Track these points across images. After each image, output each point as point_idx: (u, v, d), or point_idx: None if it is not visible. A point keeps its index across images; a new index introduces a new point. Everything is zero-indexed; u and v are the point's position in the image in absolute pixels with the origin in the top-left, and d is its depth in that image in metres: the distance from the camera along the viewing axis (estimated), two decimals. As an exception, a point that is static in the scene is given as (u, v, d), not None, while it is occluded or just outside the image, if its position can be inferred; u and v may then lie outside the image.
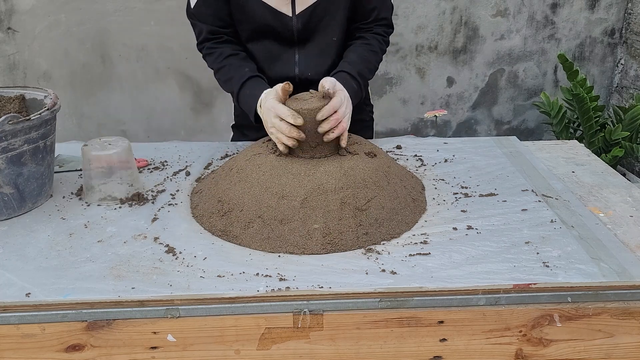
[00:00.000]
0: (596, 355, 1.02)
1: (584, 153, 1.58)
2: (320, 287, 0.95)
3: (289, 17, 1.43)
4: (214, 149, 1.53)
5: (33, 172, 1.18)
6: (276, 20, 1.43)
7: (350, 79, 1.39)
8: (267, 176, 1.15)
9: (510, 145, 1.57)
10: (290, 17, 1.44)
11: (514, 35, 3.16)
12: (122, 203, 1.23)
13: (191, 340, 0.96)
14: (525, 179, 1.35)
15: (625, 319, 0.99)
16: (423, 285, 0.96)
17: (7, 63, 2.93)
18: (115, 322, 0.94)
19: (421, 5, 3.05)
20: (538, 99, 3.23)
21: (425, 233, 1.12)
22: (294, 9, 1.43)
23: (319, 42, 1.49)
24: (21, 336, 0.94)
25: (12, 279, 0.98)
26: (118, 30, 2.94)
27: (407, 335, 0.98)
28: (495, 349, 1.00)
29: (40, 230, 1.14)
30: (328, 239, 1.07)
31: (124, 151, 1.24)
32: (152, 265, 1.02)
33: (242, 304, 0.95)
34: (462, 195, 1.27)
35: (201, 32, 1.47)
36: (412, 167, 1.43)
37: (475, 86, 3.25)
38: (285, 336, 0.97)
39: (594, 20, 3.19)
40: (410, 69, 3.18)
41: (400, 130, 3.30)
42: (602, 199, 1.30)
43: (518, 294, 0.97)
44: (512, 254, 1.04)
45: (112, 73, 3.02)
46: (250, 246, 1.08)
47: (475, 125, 3.36)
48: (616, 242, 1.09)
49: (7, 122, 1.09)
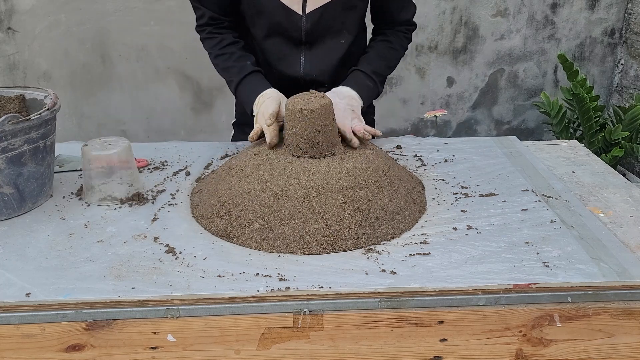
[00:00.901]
0: (596, 355, 1.02)
1: (584, 153, 1.58)
2: (320, 287, 0.95)
3: (298, 15, 1.43)
4: (214, 149, 1.53)
5: (33, 172, 1.18)
6: (286, 17, 1.43)
7: (365, 78, 1.46)
8: (267, 176, 1.15)
9: (510, 145, 1.57)
10: (300, 15, 1.43)
11: (514, 35, 3.16)
12: (122, 203, 1.23)
13: (191, 340, 0.96)
14: (525, 179, 1.35)
15: (625, 319, 0.99)
16: (423, 285, 0.96)
17: (7, 63, 2.93)
18: (115, 322, 0.94)
19: (421, 5, 3.05)
20: (538, 99, 3.23)
21: (425, 233, 1.12)
22: (305, 7, 1.42)
23: (326, 44, 1.49)
24: (21, 336, 0.94)
25: (12, 279, 0.98)
26: (118, 30, 2.94)
27: (407, 335, 0.98)
28: (495, 349, 1.00)
29: (40, 230, 1.14)
30: (328, 239, 1.07)
31: (124, 151, 1.24)
32: (152, 265, 1.02)
33: (242, 304, 0.95)
34: (462, 195, 1.27)
35: (203, 15, 1.48)
36: (412, 167, 1.43)
37: (475, 86, 3.25)
38: (285, 336, 0.97)
39: (594, 20, 3.19)
40: (410, 69, 3.18)
41: (400, 130, 3.30)
42: (602, 199, 1.30)
43: (518, 294, 0.97)
44: (512, 254, 1.04)
45: (112, 73, 3.02)
46: (250, 246, 1.08)
47: (475, 125, 3.36)
48: (616, 242, 1.09)
49: (7, 122, 1.09)
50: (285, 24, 1.44)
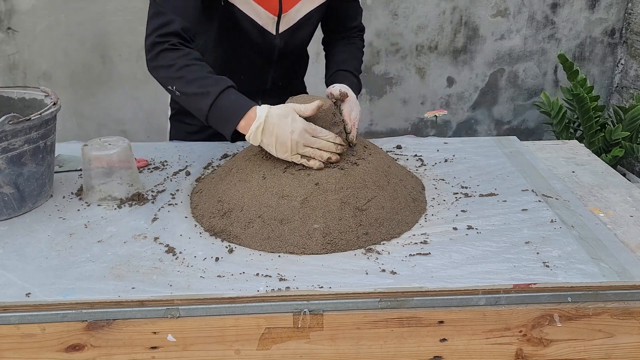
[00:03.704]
0: (596, 355, 1.02)
1: (584, 153, 1.58)
2: (320, 287, 0.95)
3: (273, 35, 1.47)
4: (214, 149, 1.53)
5: (33, 172, 1.18)
6: (260, 37, 1.46)
7: (351, 76, 1.50)
8: (267, 176, 1.15)
9: (511, 145, 1.57)
10: (275, 35, 1.47)
11: (514, 35, 3.16)
12: (122, 203, 1.23)
13: (191, 340, 0.96)
14: (525, 179, 1.35)
15: (625, 319, 0.99)
16: (423, 285, 0.96)
17: (7, 63, 2.93)
18: (115, 322, 0.94)
19: (421, 5, 3.05)
20: (538, 99, 3.23)
21: (425, 233, 1.12)
22: (278, 29, 1.47)
23: (295, 56, 1.58)
24: (21, 336, 0.94)
25: (12, 279, 0.98)
26: (118, 30, 2.94)
27: (407, 335, 0.98)
28: (495, 349, 1.00)
29: (40, 230, 1.14)
30: (328, 239, 1.07)
31: (124, 151, 1.24)
32: (152, 265, 1.02)
33: (242, 304, 0.95)
34: (462, 195, 1.27)
35: (170, 23, 1.27)
36: (412, 167, 1.43)
37: (476, 86, 3.25)
38: (285, 336, 0.97)
39: (594, 20, 3.19)
40: (410, 68, 3.18)
41: (400, 130, 3.31)
42: (602, 199, 1.30)
43: (518, 294, 0.97)
44: (512, 254, 1.04)
45: (112, 73, 3.01)
46: (250, 246, 1.08)
47: (476, 125, 3.36)
48: (616, 242, 1.09)
49: (7, 122, 1.09)
50: (260, 43, 1.47)
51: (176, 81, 1.25)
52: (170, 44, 1.26)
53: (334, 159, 1.17)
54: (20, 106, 1.29)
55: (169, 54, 1.26)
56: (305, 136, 1.15)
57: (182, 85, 1.24)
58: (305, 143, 1.14)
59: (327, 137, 1.17)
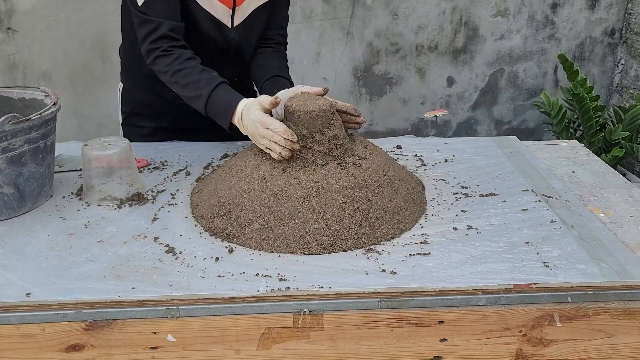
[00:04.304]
0: (596, 355, 1.02)
1: (584, 153, 1.58)
2: (320, 287, 0.95)
3: (229, 28, 1.49)
4: (214, 149, 1.53)
5: (33, 172, 1.18)
6: (217, 30, 1.47)
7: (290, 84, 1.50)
8: (267, 176, 1.15)
9: (511, 145, 1.57)
10: (230, 29, 1.49)
11: (514, 35, 3.16)
12: (122, 203, 1.23)
13: (191, 340, 0.96)
14: (525, 179, 1.35)
15: (625, 319, 0.99)
16: (423, 285, 0.96)
17: (7, 63, 2.93)
18: (115, 322, 0.94)
19: (421, 5, 3.05)
20: (538, 99, 3.23)
21: (425, 233, 1.12)
22: (233, 21, 1.48)
23: (249, 57, 1.58)
24: (21, 336, 0.94)
25: (12, 279, 0.98)
26: (118, 30, 2.93)
27: (407, 335, 0.98)
28: (495, 349, 1.00)
29: (40, 230, 1.14)
30: (328, 239, 1.07)
31: (124, 151, 1.24)
32: (152, 265, 1.02)
33: (242, 304, 0.95)
34: (462, 195, 1.27)
35: (158, 27, 1.34)
36: (412, 167, 1.43)
37: (475, 86, 3.25)
38: (285, 336, 0.97)
39: (594, 20, 3.19)
40: (410, 68, 3.18)
41: (400, 130, 3.30)
42: (602, 199, 1.30)
43: (518, 294, 0.97)
44: (512, 254, 1.04)
45: (112, 73, 3.01)
46: (250, 246, 1.08)
47: (476, 125, 3.36)
48: (616, 242, 1.09)
49: (7, 122, 1.09)
50: (217, 37, 1.48)
51: (173, 86, 1.37)
52: (161, 50, 1.35)
53: (285, 154, 1.15)
54: (20, 106, 1.29)
55: (163, 60, 1.35)
56: (257, 128, 1.19)
57: (179, 89, 1.36)
58: (260, 134, 1.19)
59: (278, 131, 1.15)
